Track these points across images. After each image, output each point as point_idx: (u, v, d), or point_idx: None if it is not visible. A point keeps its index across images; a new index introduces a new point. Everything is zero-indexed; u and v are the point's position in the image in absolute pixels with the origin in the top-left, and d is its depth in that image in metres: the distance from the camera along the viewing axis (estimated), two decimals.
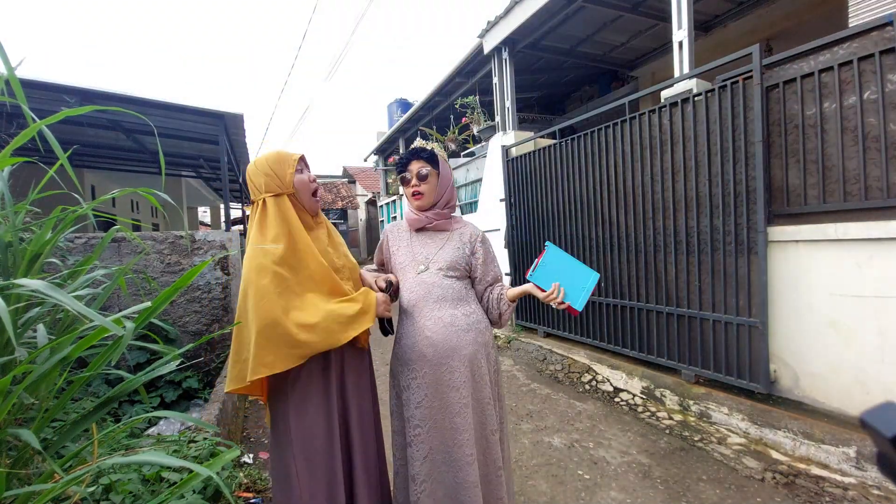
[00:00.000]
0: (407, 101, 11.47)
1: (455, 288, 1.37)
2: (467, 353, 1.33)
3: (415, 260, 1.41)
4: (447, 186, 1.44)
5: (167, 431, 2.17)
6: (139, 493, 1.34)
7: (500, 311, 1.41)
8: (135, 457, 0.96)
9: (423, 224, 1.42)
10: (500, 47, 5.11)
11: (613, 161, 3.37)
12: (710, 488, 2.01)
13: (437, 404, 1.31)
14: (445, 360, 1.31)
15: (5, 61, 1.01)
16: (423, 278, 1.37)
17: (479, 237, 1.44)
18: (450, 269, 1.37)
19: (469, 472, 1.27)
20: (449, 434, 1.29)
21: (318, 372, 1.24)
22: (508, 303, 1.39)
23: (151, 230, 7.66)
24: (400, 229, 1.51)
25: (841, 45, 2.22)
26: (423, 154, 1.40)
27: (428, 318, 1.33)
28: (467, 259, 1.41)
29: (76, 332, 0.97)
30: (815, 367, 2.36)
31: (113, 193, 1.54)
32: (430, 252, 1.40)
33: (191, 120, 5.12)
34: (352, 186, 19.29)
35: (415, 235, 1.45)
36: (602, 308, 3.58)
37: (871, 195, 2.14)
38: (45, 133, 1.06)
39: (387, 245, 1.50)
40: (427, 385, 1.31)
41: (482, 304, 1.44)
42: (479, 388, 1.34)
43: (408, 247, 1.44)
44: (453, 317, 1.34)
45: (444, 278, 1.36)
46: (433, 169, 1.40)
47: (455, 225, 1.46)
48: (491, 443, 1.35)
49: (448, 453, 1.29)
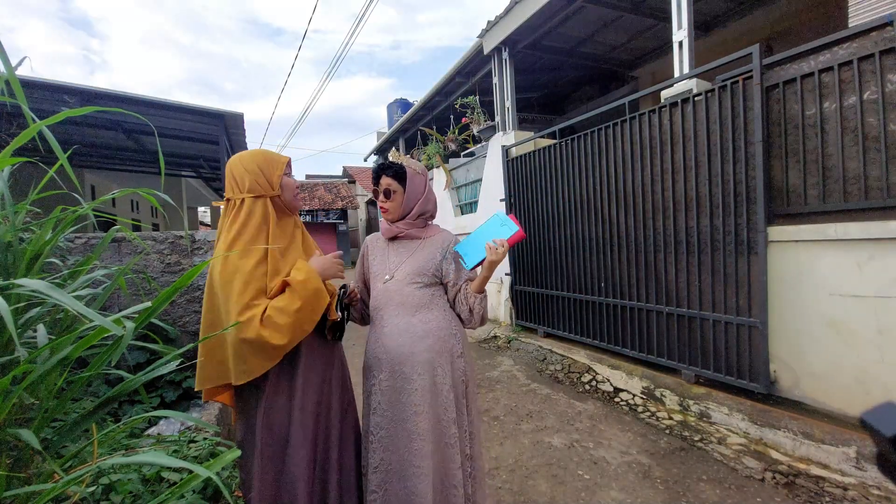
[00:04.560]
0: (407, 101, 11.47)
1: (416, 295, 1.37)
2: (422, 360, 1.32)
3: (384, 268, 1.44)
4: (417, 200, 1.43)
5: (167, 431, 2.17)
6: (139, 493, 1.34)
7: (469, 306, 1.38)
8: (135, 457, 0.95)
9: (395, 233, 1.45)
10: (500, 47, 5.11)
11: (613, 161, 3.37)
12: (710, 488, 2.01)
13: (390, 413, 1.30)
14: (398, 367, 1.32)
15: (5, 61, 1.01)
16: (387, 286, 1.39)
17: (450, 243, 1.45)
18: (416, 275, 1.38)
19: (418, 483, 1.23)
20: (403, 443, 1.27)
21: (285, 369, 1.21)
22: (474, 294, 1.37)
23: (151, 230, 7.65)
24: (378, 239, 1.53)
25: (841, 46, 2.22)
26: (389, 171, 1.41)
27: (386, 325, 1.36)
28: (437, 265, 1.41)
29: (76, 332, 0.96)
30: (815, 367, 2.36)
31: (113, 193, 1.54)
32: (401, 260, 1.42)
33: (191, 120, 5.13)
34: (352, 186, 19.30)
35: (389, 245, 1.48)
36: (602, 308, 3.58)
37: (871, 195, 2.14)
38: (46, 133, 1.06)
39: (366, 256, 1.53)
40: (383, 391, 1.32)
41: (455, 307, 1.43)
42: (436, 396, 1.32)
43: (382, 256, 1.47)
44: (409, 324, 1.34)
45: (406, 286, 1.37)
46: (399, 186, 1.41)
47: (428, 233, 1.47)
48: (447, 456, 1.30)
49: (400, 463, 1.27)
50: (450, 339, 1.38)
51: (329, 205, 17.37)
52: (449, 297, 1.44)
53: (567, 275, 3.98)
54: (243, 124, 5.42)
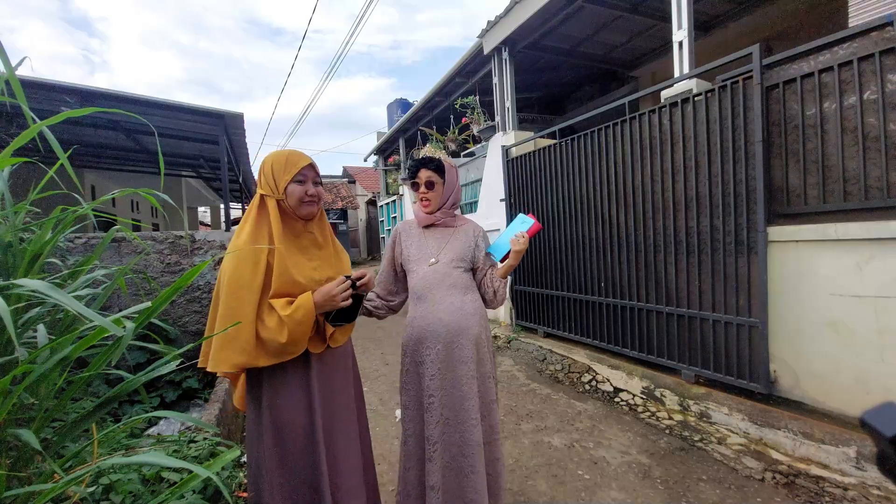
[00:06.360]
0: (407, 101, 11.47)
1: (464, 278, 1.60)
2: (474, 334, 1.55)
3: (426, 253, 1.61)
4: (452, 191, 1.64)
5: (167, 431, 2.17)
6: (139, 494, 1.34)
7: (493, 289, 1.61)
8: (135, 457, 0.95)
9: (432, 221, 1.63)
10: (500, 47, 5.11)
11: (613, 161, 3.37)
12: (710, 488, 2.01)
13: (449, 376, 1.51)
14: (456, 339, 1.52)
15: (5, 61, 1.01)
16: (435, 268, 1.58)
17: (480, 233, 1.68)
18: (459, 260, 1.59)
19: (474, 432, 1.48)
20: (458, 401, 1.50)
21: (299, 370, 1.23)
22: (499, 278, 1.59)
23: (151, 230, 7.65)
24: (411, 226, 1.70)
25: (841, 46, 2.22)
26: (430, 165, 1.59)
27: (441, 303, 1.55)
28: (472, 252, 1.63)
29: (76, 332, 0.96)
30: (815, 367, 2.35)
31: (113, 193, 1.54)
32: (439, 246, 1.62)
33: (191, 120, 5.12)
34: (352, 186, 19.29)
35: (424, 232, 1.66)
36: (602, 308, 3.58)
37: (871, 195, 2.14)
38: (46, 133, 1.06)
39: (399, 241, 1.68)
40: (440, 360, 1.52)
41: (480, 288, 1.65)
42: (482, 363, 1.57)
43: (419, 242, 1.64)
44: (462, 302, 1.56)
45: (453, 269, 1.58)
46: (439, 178, 1.60)
47: (458, 222, 1.67)
48: (492, 410, 1.58)
49: (457, 417, 1.49)
50: (486, 318, 1.64)
51: (329, 205, 17.37)
52: (476, 279, 1.66)
53: (567, 275, 3.98)
54: (243, 124, 5.41)
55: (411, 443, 1.57)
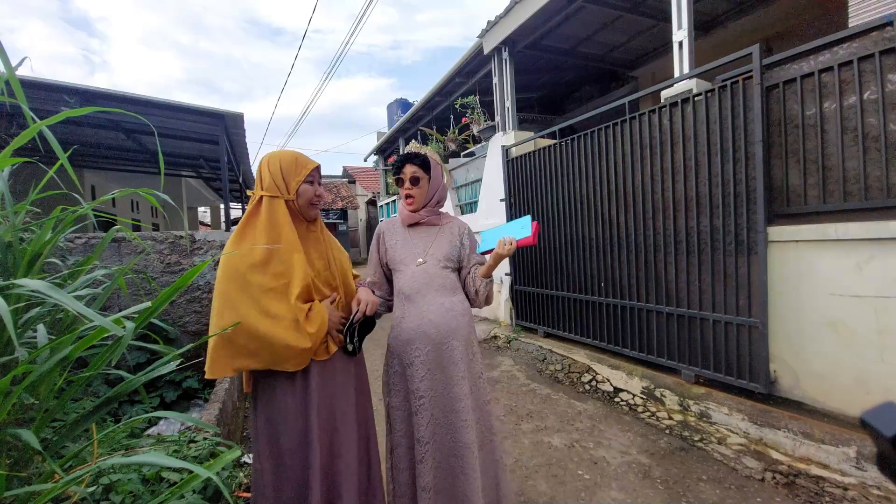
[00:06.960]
0: (407, 101, 11.48)
1: (451, 279, 1.57)
2: (464, 334, 1.53)
3: (413, 252, 1.57)
4: (437, 188, 1.60)
5: (167, 431, 2.17)
6: (139, 494, 1.34)
7: (475, 288, 1.57)
8: (135, 457, 0.95)
9: (417, 220, 1.59)
10: (500, 47, 5.11)
11: (613, 161, 3.37)
12: (710, 488, 2.01)
13: (440, 377, 1.48)
14: (447, 340, 1.49)
15: (5, 61, 1.01)
16: (424, 269, 1.54)
17: (466, 231, 1.64)
18: (446, 260, 1.56)
19: (466, 433, 1.45)
20: (449, 402, 1.47)
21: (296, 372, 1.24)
22: (482, 278, 1.56)
23: (151, 230, 7.65)
24: (394, 225, 1.65)
25: (841, 46, 2.22)
26: (416, 160, 1.54)
27: (431, 304, 1.51)
28: (458, 251, 1.59)
29: (76, 332, 0.96)
30: (815, 367, 2.35)
31: (113, 193, 1.54)
32: (426, 245, 1.58)
33: (191, 120, 5.13)
34: (352, 186, 19.29)
35: (409, 231, 1.62)
36: (602, 308, 3.58)
37: (871, 195, 2.14)
38: (46, 133, 1.06)
39: (382, 241, 1.64)
40: (430, 361, 1.49)
41: (465, 287, 1.62)
42: (472, 364, 1.55)
43: (405, 242, 1.60)
44: (452, 303, 1.53)
45: (441, 269, 1.55)
46: (425, 174, 1.55)
47: (443, 220, 1.64)
48: (485, 411, 1.56)
49: (447, 418, 1.47)
50: (472, 318, 1.61)
51: (329, 205, 17.36)
52: (461, 277, 1.62)
53: (567, 275, 3.98)
54: (243, 124, 5.42)
55: (402, 444, 1.54)
